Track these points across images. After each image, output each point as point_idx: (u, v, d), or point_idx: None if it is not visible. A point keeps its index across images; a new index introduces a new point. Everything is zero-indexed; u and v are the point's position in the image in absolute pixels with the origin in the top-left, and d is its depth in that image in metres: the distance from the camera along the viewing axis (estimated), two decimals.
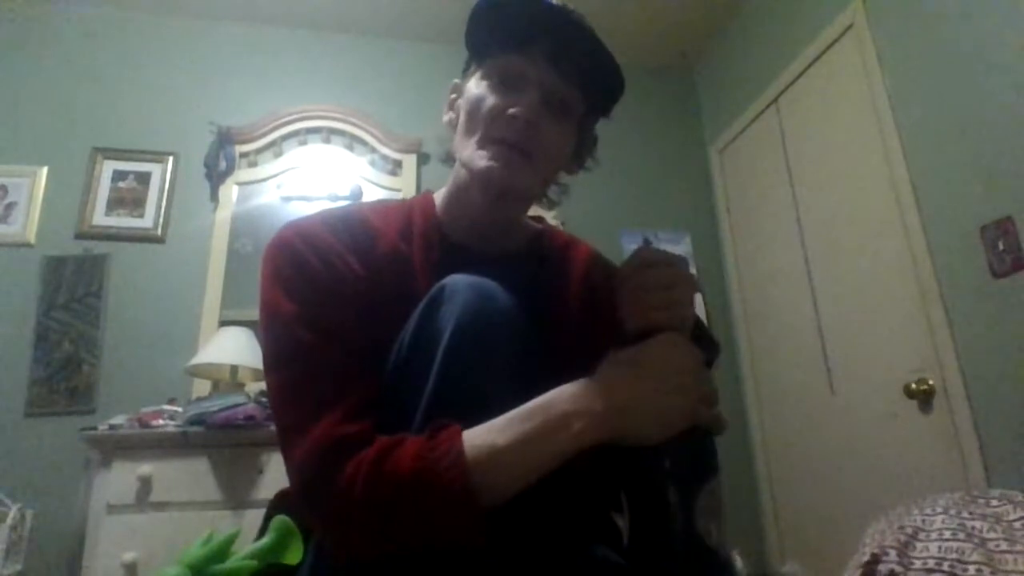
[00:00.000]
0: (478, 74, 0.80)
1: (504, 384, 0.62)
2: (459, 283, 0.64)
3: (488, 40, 0.79)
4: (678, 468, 0.63)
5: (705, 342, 0.73)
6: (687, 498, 0.62)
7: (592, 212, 2.72)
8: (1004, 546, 1.04)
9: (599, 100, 0.82)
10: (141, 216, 2.60)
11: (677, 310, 0.69)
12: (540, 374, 0.67)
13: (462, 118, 0.80)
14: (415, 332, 0.64)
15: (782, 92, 2.62)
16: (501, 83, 0.76)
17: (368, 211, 0.81)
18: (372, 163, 2.86)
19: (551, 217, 0.95)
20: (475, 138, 0.76)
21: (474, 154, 0.75)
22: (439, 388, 0.61)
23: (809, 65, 2.47)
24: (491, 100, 0.76)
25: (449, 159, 0.84)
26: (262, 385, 2.29)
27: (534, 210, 0.90)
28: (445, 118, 0.85)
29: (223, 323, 2.43)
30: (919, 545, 1.11)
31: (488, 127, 0.75)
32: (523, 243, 0.88)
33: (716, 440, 0.67)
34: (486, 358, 0.61)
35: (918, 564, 1.09)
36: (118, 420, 1.95)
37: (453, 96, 0.86)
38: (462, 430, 0.59)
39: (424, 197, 0.86)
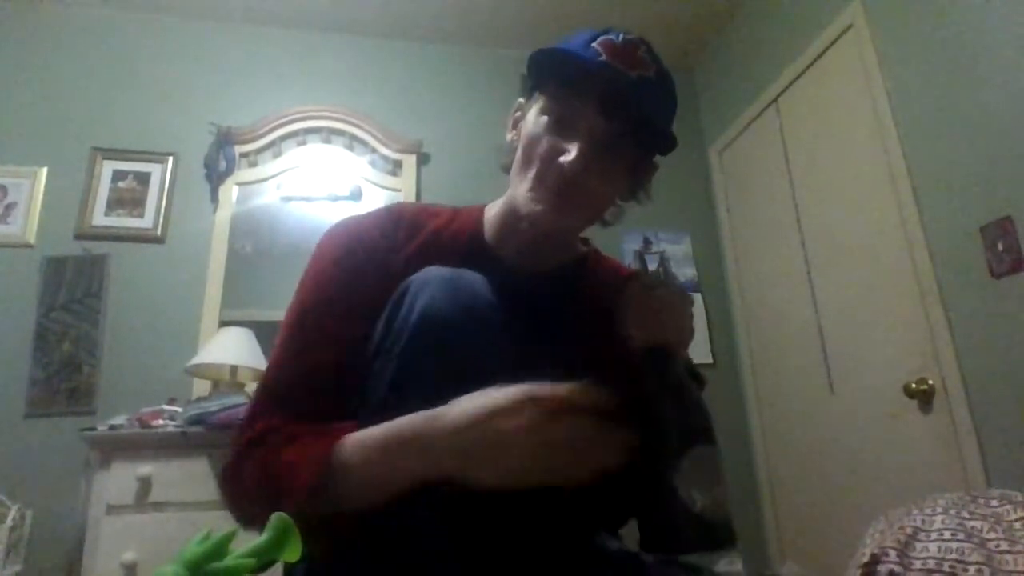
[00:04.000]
0: (538, 106, 0.80)
1: (467, 375, 0.61)
2: (430, 276, 0.64)
3: (547, 76, 0.80)
4: (662, 429, 0.66)
5: (692, 374, 0.79)
6: (667, 465, 0.64)
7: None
8: (1004, 546, 1.04)
9: (650, 145, 0.83)
10: (141, 216, 2.60)
11: (682, 329, 0.75)
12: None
13: (520, 149, 0.81)
14: (384, 324, 0.65)
15: (782, 92, 2.63)
16: (557, 123, 0.77)
17: (416, 212, 0.85)
18: (372, 163, 2.86)
19: None
20: (528, 177, 0.78)
21: (525, 194, 0.77)
22: (399, 375, 0.61)
23: (809, 66, 2.47)
24: (545, 143, 0.77)
25: (507, 170, 0.86)
26: None
27: None
28: (508, 136, 0.87)
29: (223, 323, 2.44)
30: (919, 545, 1.11)
31: (539, 170, 0.77)
32: (566, 263, 0.89)
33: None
34: (448, 351, 0.61)
35: (918, 564, 1.09)
36: (118, 420, 1.95)
37: (517, 115, 0.87)
38: (352, 430, 0.64)
39: (475, 209, 0.89)
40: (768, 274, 2.72)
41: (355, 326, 0.72)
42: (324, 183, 2.78)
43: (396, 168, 2.87)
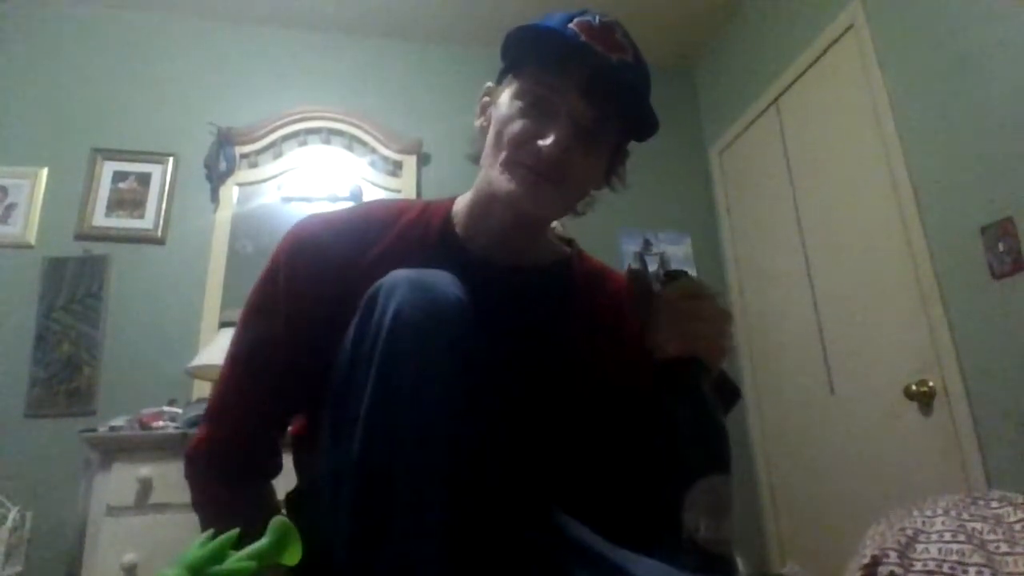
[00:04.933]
0: (511, 89, 0.77)
1: (445, 378, 0.60)
2: (398, 277, 0.62)
3: (524, 58, 0.77)
4: (677, 450, 0.64)
5: (727, 387, 0.76)
6: (677, 488, 0.62)
7: (591, 213, 2.72)
8: (1004, 548, 1.04)
9: (631, 131, 0.81)
10: (141, 217, 2.60)
11: (722, 346, 0.71)
12: (525, 384, 0.70)
13: (491, 132, 0.78)
14: (356, 333, 0.63)
15: (782, 93, 2.62)
16: (533, 106, 0.75)
17: (379, 211, 0.83)
18: (372, 164, 2.86)
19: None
20: (500, 159, 0.75)
21: (499, 176, 0.75)
22: (379, 381, 0.59)
23: (809, 66, 2.47)
24: (520, 124, 0.74)
25: (477, 160, 0.84)
26: None
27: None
28: (476, 122, 0.84)
29: (223, 324, 2.43)
30: (919, 547, 1.11)
31: (514, 152, 0.74)
32: (546, 261, 0.87)
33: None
34: (426, 345, 0.59)
35: (918, 566, 1.09)
36: (118, 421, 1.95)
37: (486, 100, 0.84)
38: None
39: (444, 203, 0.86)
40: (768, 274, 2.72)
41: (298, 349, 0.74)
42: (324, 184, 2.78)
43: (396, 168, 2.87)
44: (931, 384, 1.88)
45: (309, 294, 0.75)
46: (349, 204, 2.69)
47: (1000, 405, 1.69)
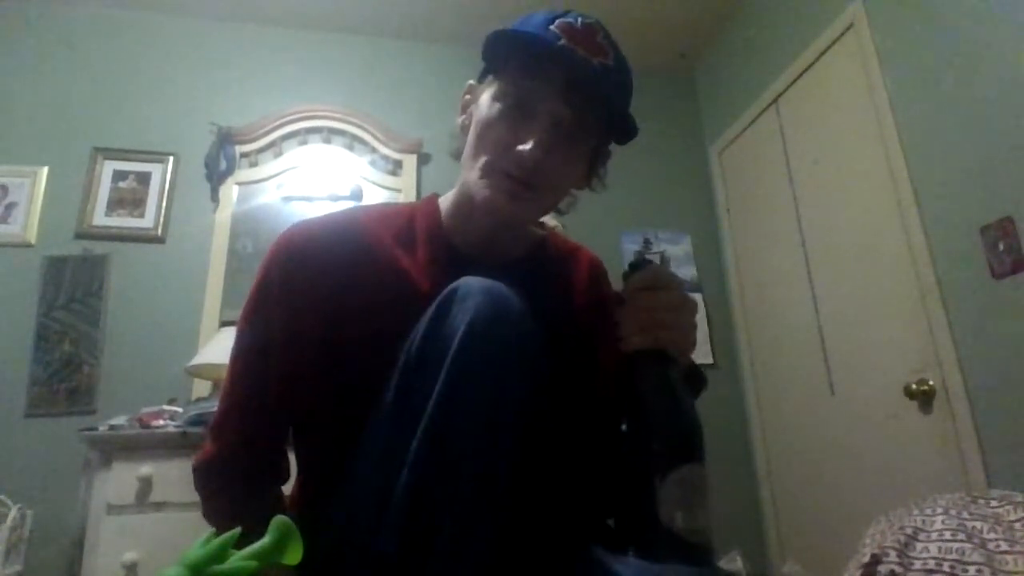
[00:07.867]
0: (492, 89, 0.77)
1: (515, 386, 0.61)
2: (472, 285, 0.62)
3: (504, 58, 0.77)
4: (651, 441, 0.64)
5: (694, 376, 0.77)
6: (652, 480, 0.62)
7: (592, 213, 2.71)
8: (1004, 547, 1.05)
9: (611, 134, 0.81)
10: (141, 216, 2.60)
11: (686, 334, 0.70)
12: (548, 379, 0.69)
13: (471, 134, 0.78)
14: (425, 335, 0.63)
15: (782, 93, 2.63)
16: (514, 108, 0.74)
17: (368, 217, 0.82)
18: (372, 163, 2.86)
19: (550, 217, 0.97)
20: (479, 164, 0.75)
21: (478, 182, 0.75)
22: (448, 390, 0.59)
23: (809, 66, 2.47)
24: (500, 128, 0.74)
25: (459, 157, 0.83)
26: None
27: None
28: (458, 120, 0.84)
29: (223, 323, 2.43)
30: (919, 545, 1.11)
31: (494, 157, 0.74)
32: (526, 250, 0.87)
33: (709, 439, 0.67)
34: (497, 361, 0.60)
35: (918, 564, 1.09)
36: (118, 420, 1.95)
37: (467, 98, 0.83)
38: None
39: (429, 202, 0.86)
40: (768, 274, 2.72)
41: (295, 356, 0.74)
42: (325, 183, 2.78)
43: (396, 168, 2.87)
44: (931, 383, 1.89)
45: (305, 302, 0.74)
46: (350, 203, 2.72)
47: (1000, 404, 1.69)
